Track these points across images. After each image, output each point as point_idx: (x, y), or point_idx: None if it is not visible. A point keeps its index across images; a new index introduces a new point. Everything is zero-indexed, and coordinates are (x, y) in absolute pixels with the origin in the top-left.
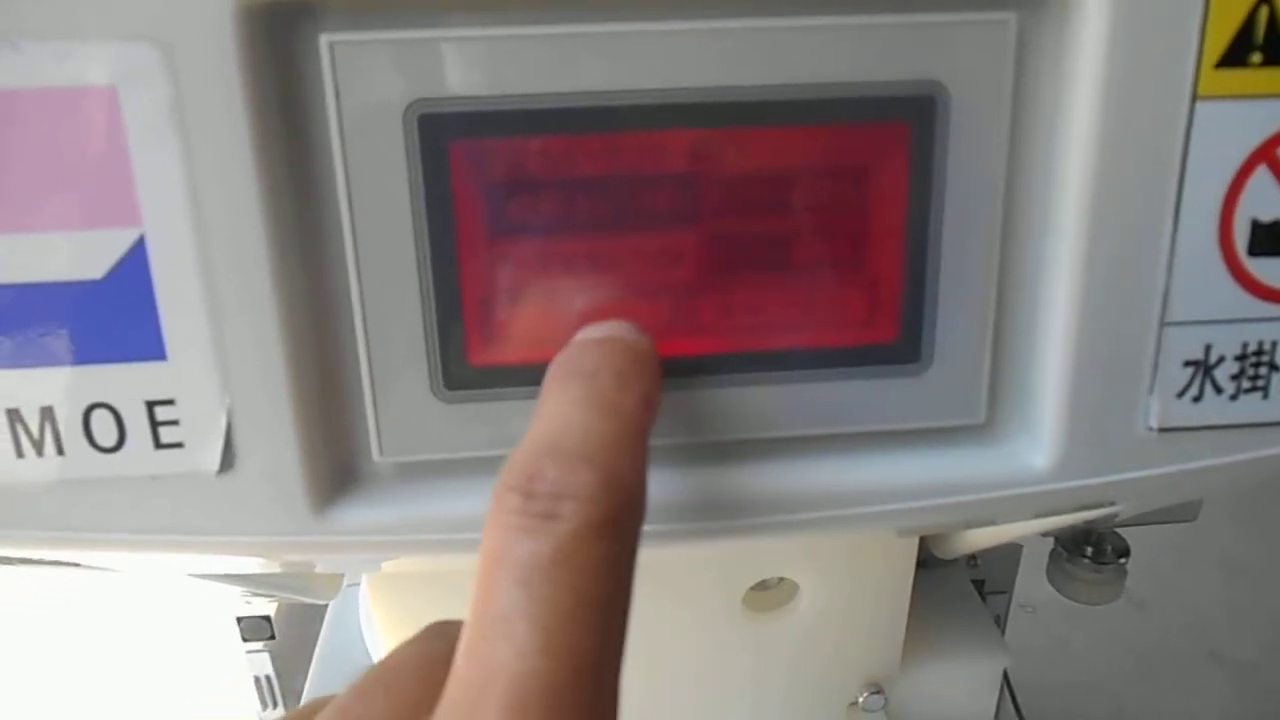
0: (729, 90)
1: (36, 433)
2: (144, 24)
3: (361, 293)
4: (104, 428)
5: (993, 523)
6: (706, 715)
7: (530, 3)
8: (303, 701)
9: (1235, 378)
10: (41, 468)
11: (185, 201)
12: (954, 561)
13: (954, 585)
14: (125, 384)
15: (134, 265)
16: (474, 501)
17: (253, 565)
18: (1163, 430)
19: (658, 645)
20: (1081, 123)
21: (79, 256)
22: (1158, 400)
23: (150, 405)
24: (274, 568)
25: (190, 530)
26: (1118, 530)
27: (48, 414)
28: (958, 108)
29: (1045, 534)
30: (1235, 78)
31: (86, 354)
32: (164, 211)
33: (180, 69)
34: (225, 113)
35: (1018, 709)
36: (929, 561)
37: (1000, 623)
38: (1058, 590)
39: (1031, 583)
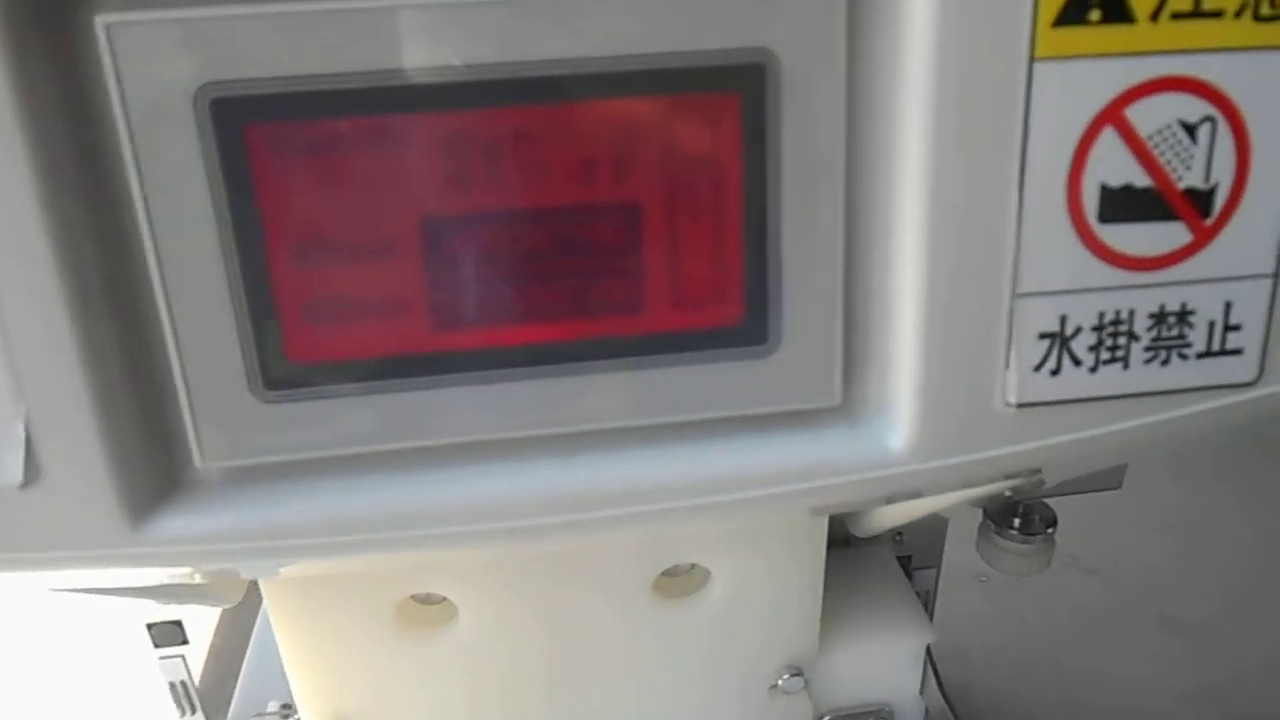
0: (551, 64)
1: None
2: None
3: (166, 290)
4: None
5: (853, 506)
6: (625, 704)
7: None
8: (232, 707)
9: (1094, 349)
10: None
11: None
12: (878, 538)
13: (878, 562)
14: None
15: None
16: (305, 505)
17: (74, 580)
18: (1021, 406)
19: (569, 635)
20: (918, 88)
21: None
22: (1014, 375)
23: None
24: (92, 585)
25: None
26: (1045, 500)
27: None
28: (789, 76)
29: (973, 504)
30: (1074, 36)
31: None
32: None
33: None
34: None
35: (940, 685)
36: (852, 539)
37: (929, 597)
38: (988, 563)
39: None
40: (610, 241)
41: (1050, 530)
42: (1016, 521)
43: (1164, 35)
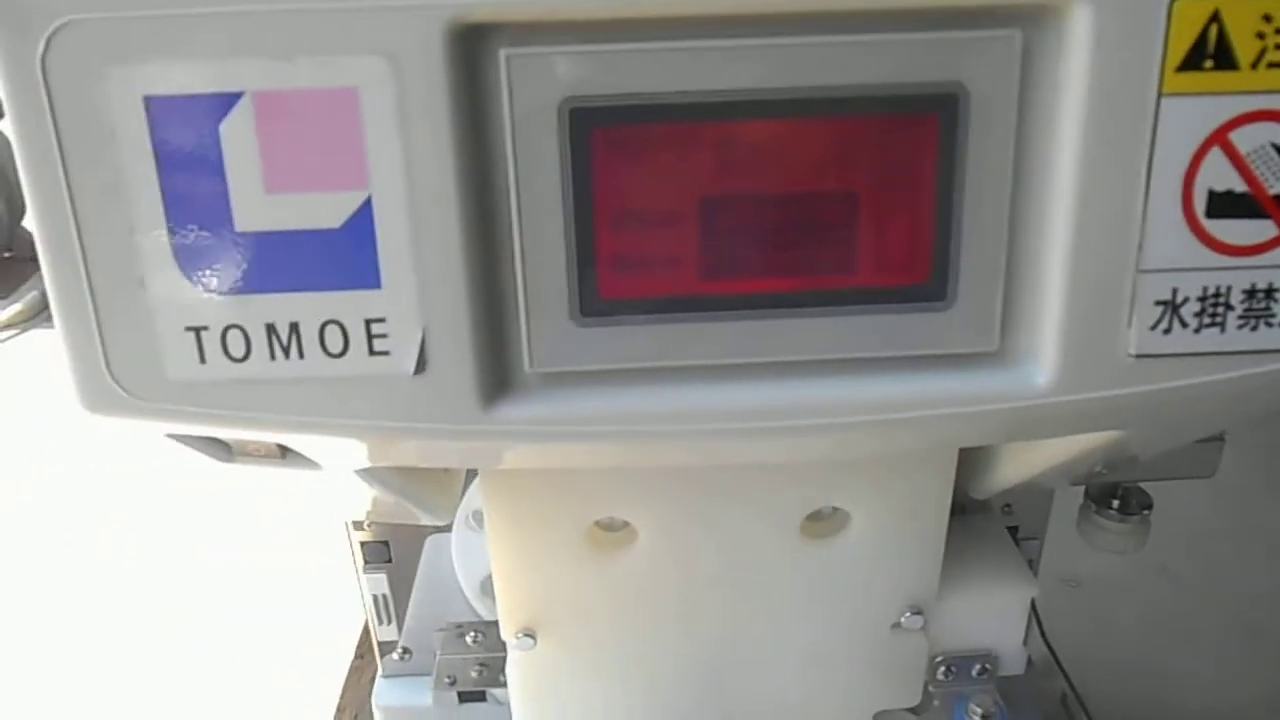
0: (805, 89)
1: (286, 341)
2: (378, 42)
3: (522, 243)
4: (334, 339)
5: (1001, 436)
6: (768, 630)
7: (651, 26)
8: (406, 621)
9: (1197, 315)
10: (289, 368)
11: (401, 171)
12: (990, 509)
13: (989, 528)
14: (351, 306)
15: (362, 218)
16: (600, 404)
17: (429, 454)
18: (1139, 356)
19: (729, 565)
20: (1073, 114)
21: (323, 211)
22: (1135, 332)
23: (368, 322)
24: (441, 460)
25: (393, 418)
26: (1141, 485)
27: (294, 328)
28: (976, 103)
29: (1074, 483)
30: (1192, 79)
31: (324, 283)
32: (385, 178)
33: (402, 74)
34: (431, 106)
35: (1044, 636)
36: (969, 507)
37: (1033, 565)
38: (1087, 541)
39: (1076, 557)
40: (835, 220)
41: (1146, 512)
42: (1115, 503)
43: (1261, 79)
